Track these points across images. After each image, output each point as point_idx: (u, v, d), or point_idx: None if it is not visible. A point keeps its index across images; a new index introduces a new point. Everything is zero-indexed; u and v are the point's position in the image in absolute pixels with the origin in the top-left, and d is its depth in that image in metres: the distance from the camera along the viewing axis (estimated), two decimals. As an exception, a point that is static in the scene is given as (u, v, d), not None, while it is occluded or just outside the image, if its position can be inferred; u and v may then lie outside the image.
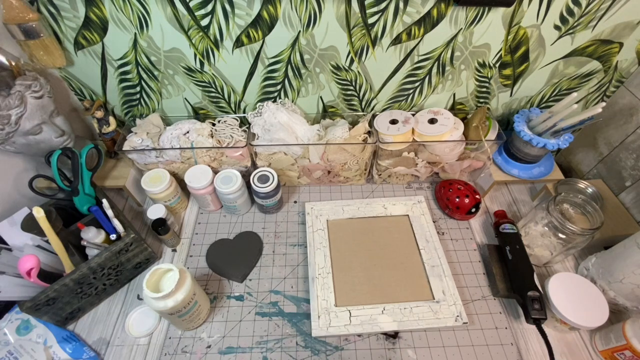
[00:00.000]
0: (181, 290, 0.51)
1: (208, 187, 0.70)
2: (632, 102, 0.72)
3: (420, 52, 0.67)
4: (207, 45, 0.65)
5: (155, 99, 0.75)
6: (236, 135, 0.73)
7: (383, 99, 0.77)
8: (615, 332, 0.55)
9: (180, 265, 0.53)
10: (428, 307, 0.61)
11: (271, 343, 0.59)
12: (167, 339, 0.60)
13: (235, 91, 0.74)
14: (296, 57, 0.67)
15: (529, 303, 0.57)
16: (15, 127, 0.57)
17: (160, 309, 0.50)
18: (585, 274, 0.63)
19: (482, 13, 0.61)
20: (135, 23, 0.61)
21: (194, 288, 0.54)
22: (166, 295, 0.49)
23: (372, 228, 0.73)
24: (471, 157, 0.76)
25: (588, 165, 0.83)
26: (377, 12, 0.60)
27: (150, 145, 0.71)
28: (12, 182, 0.66)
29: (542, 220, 0.64)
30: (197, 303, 0.55)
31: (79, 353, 0.57)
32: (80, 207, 0.64)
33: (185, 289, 0.51)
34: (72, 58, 0.67)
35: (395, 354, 0.58)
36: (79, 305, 0.60)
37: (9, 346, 0.56)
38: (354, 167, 0.76)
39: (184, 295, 0.51)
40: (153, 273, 0.51)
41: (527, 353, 0.58)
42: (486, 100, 0.78)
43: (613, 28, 0.64)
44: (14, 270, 0.54)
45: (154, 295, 0.48)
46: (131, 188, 0.75)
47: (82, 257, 0.61)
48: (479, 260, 0.70)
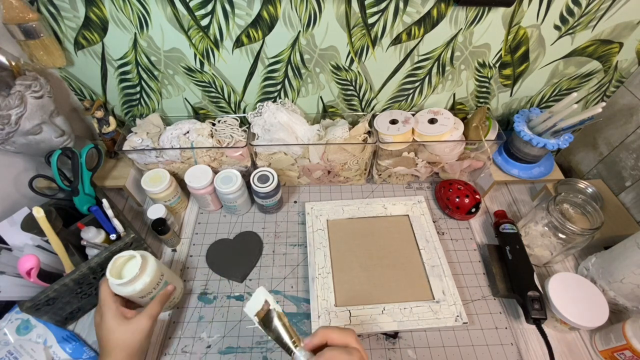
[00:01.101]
0: (147, 273, 0.53)
1: (208, 187, 0.70)
2: (632, 102, 0.72)
3: (420, 52, 0.67)
4: (207, 45, 0.65)
5: (155, 99, 0.75)
6: (236, 135, 0.73)
7: (383, 99, 0.77)
8: (615, 332, 0.55)
9: (142, 251, 0.54)
10: (428, 307, 0.61)
11: (271, 343, 0.59)
12: (167, 339, 0.60)
13: (235, 91, 0.74)
14: (296, 57, 0.67)
15: (529, 303, 0.57)
16: (15, 127, 0.57)
17: (129, 294, 0.51)
18: (585, 274, 0.63)
19: (482, 13, 0.61)
20: (135, 23, 0.61)
21: (160, 269, 0.55)
22: (131, 281, 0.51)
23: (372, 228, 0.73)
24: (471, 157, 0.76)
25: (588, 165, 0.83)
26: (377, 12, 0.60)
27: (150, 145, 0.71)
28: (12, 182, 0.66)
29: (542, 220, 0.64)
30: (167, 283, 0.57)
31: (79, 353, 0.57)
32: (80, 207, 0.64)
33: (150, 271, 0.53)
34: (72, 58, 0.67)
35: (395, 354, 0.58)
36: (79, 305, 0.60)
37: (9, 346, 0.56)
38: (354, 167, 0.76)
39: (150, 277, 0.53)
40: (114, 262, 0.52)
41: (527, 353, 0.58)
42: (486, 100, 0.78)
43: (613, 28, 0.64)
44: (14, 270, 0.54)
45: (118, 282, 0.50)
46: (131, 188, 0.75)
47: (82, 257, 0.61)
48: (479, 260, 0.70)
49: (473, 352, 0.58)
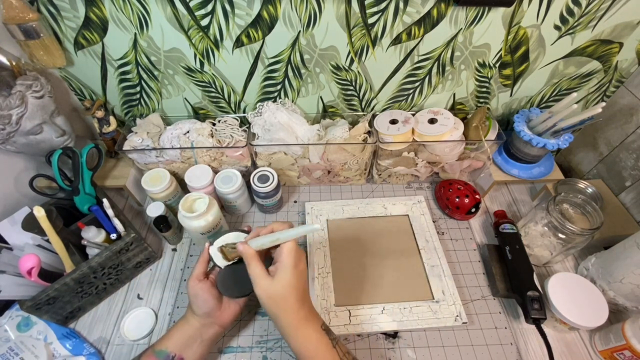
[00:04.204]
0: (211, 212, 0.62)
1: (208, 187, 0.70)
2: (632, 102, 0.71)
3: (420, 52, 0.67)
4: (207, 45, 0.65)
5: (155, 99, 0.75)
6: (236, 135, 0.74)
7: (383, 99, 0.77)
8: (614, 332, 0.55)
9: (208, 196, 0.63)
10: (428, 307, 0.61)
11: (271, 342, 0.59)
12: (167, 339, 0.60)
13: (235, 91, 0.74)
14: (296, 57, 0.67)
15: (528, 303, 0.57)
16: (16, 127, 0.57)
17: (194, 227, 0.61)
18: (585, 274, 0.63)
19: (482, 13, 0.61)
20: (135, 23, 0.61)
21: (220, 214, 0.65)
22: (199, 215, 0.60)
23: (372, 228, 0.73)
24: (471, 157, 0.76)
25: (588, 165, 0.83)
26: (377, 12, 0.60)
27: (150, 145, 0.72)
28: (12, 181, 0.66)
29: (542, 220, 0.64)
30: (222, 228, 0.67)
31: (79, 349, 0.57)
32: (81, 206, 0.64)
33: (213, 212, 0.62)
34: (72, 58, 0.67)
35: (395, 353, 0.58)
36: (79, 304, 0.60)
37: (10, 343, 0.56)
38: (354, 167, 0.77)
39: (213, 217, 0.62)
40: (186, 199, 0.62)
41: (526, 353, 0.58)
42: (486, 100, 0.78)
43: (613, 28, 0.63)
44: (15, 269, 0.55)
45: (189, 215, 0.59)
46: (131, 188, 0.75)
47: (83, 257, 0.61)
48: (479, 260, 0.70)
49: (472, 351, 0.58)
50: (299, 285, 0.46)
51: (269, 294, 0.46)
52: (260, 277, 0.46)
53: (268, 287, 0.46)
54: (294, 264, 0.46)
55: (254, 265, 0.47)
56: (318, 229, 0.46)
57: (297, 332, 0.46)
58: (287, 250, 0.46)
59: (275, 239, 0.48)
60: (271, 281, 0.46)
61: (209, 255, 0.53)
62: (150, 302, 0.64)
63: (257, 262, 0.47)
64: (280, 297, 0.46)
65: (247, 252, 0.48)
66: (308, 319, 0.47)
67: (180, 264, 0.69)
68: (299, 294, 0.46)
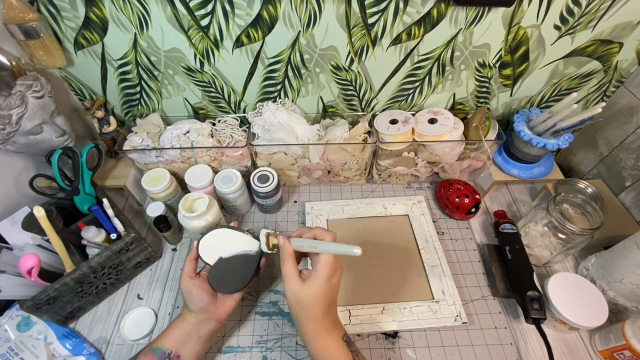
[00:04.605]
0: (211, 212, 0.62)
1: (208, 187, 0.70)
2: (632, 102, 0.71)
3: (420, 52, 0.67)
4: (207, 45, 0.65)
5: (155, 99, 0.75)
6: (236, 135, 0.74)
7: (383, 99, 0.77)
8: (614, 332, 0.55)
9: (208, 196, 0.64)
10: (427, 307, 0.61)
11: (271, 342, 0.59)
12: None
13: (235, 91, 0.74)
14: (296, 57, 0.67)
15: (528, 303, 0.57)
16: (16, 127, 0.57)
17: (194, 227, 0.61)
18: (585, 274, 0.63)
19: (482, 13, 0.61)
20: (135, 23, 0.61)
21: (220, 214, 0.65)
22: (199, 215, 0.60)
23: (372, 228, 0.73)
24: (471, 157, 0.76)
25: (588, 165, 0.83)
26: (377, 12, 0.60)
27: (150, 145, 0.72)
28: (12, 181, 0.67)
29: (542, 220, 0.64)
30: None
31: (79, 349, 0.57)
32: (81, 206, 0.64)
33: (213, 212, 0.63)
34: (72, 58, 0.67)
35: (395, 353, 0.58)
36: (79, 304, 0.60)
37: (10, 342, 0.57)
38: (354, 167, 0.77)
39: (213, 217, 0.62)
40: (185, 199, 0.63)
41: (526, 353, 0.58)
42: (486, 100, 0.78)
43: (613, 28, 0.63)
44: (15, 269, 0.55)
45: (189, 215, 0.59)
46: (131, 188, 0.75)
47: (83, 257, 0.61)
48: (479, 260, 0.70)
49: (472, 351, 0.58)
50: (326, 297, 0.46)
51: (295, 297, 0.46)
52: (291, 277, 0.47)
53: (296, 291, 0.46)
54: (327, 276, 0.46)
55: (289, 264, 0.47)
56: (358, 254, 0.45)
57: (317, 341, 0.47)
58: (324, 261, 0.46)
59: (314, 247, 0.47)
60: (301, 285, 0.46)
61: (197, 253, 0.54)
62: (150, 302, 0.64)
63: (292, 261, 0.48)
64: (306, 304, 0.46)
65: (286, 248, 0.49)
66: (329, 330, 0.47)
67: (180, 264, 0.69)
68: (325, 304, 0.47)
